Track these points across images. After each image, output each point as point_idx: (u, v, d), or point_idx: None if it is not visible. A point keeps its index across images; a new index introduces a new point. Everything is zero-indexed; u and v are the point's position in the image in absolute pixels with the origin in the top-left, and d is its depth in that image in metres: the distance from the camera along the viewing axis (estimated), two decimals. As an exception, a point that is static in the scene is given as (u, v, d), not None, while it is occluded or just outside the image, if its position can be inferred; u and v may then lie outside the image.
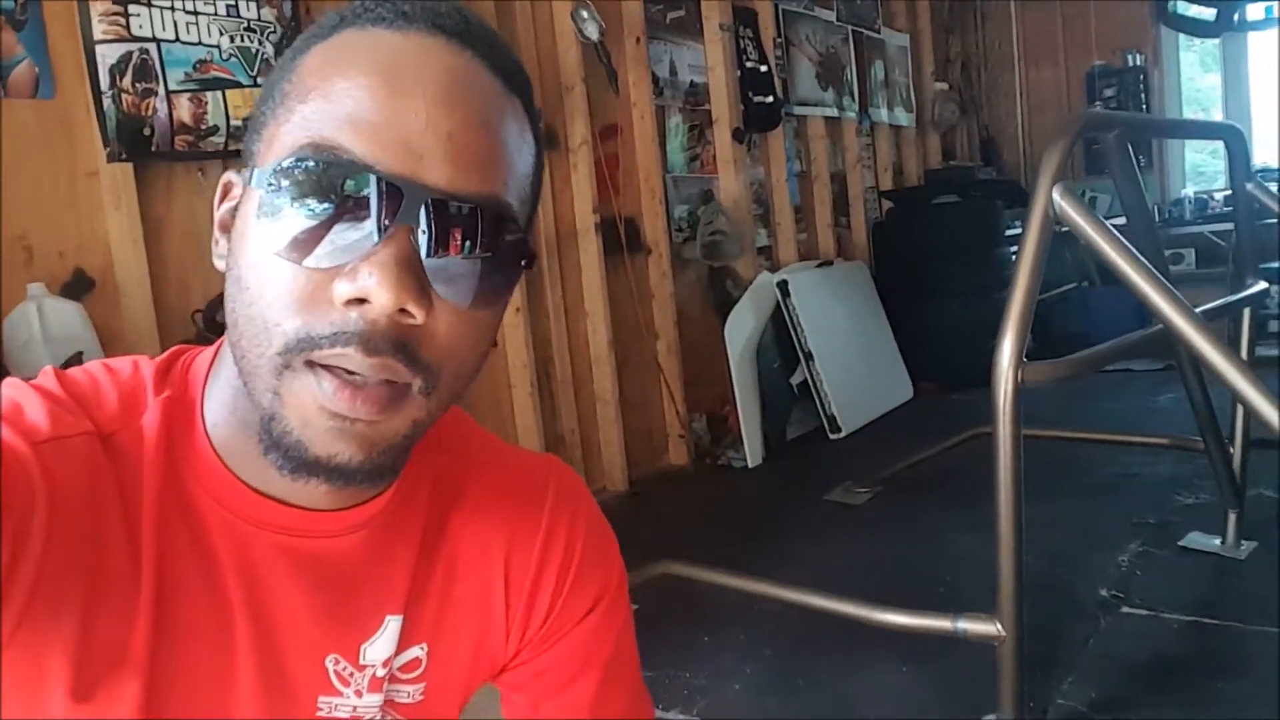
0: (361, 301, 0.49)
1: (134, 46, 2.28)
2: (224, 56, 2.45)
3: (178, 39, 2.36)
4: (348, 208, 0.49)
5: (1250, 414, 1.56)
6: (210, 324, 2.36)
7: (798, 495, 3.56)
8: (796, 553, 2.91)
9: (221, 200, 0.58)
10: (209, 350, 0.61)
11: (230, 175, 0.58)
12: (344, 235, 0.50)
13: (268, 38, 2.53)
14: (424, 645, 0.66)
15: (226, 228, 0.56)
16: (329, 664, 0.61)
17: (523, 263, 0.55)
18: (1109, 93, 6.22)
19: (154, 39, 2.31)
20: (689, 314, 4.18)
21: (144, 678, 0.53)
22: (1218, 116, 6.43)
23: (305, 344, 0.50)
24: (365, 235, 0.49)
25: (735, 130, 4.29)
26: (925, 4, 6.05)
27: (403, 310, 0.49)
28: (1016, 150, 6.67)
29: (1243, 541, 2.64)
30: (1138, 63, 6.12)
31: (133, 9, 2.27)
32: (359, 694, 0.62)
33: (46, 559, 0.50)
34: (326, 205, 0.49)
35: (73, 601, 0.51)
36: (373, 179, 0.49)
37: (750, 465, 3.98)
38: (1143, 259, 1.63)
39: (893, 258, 5.29)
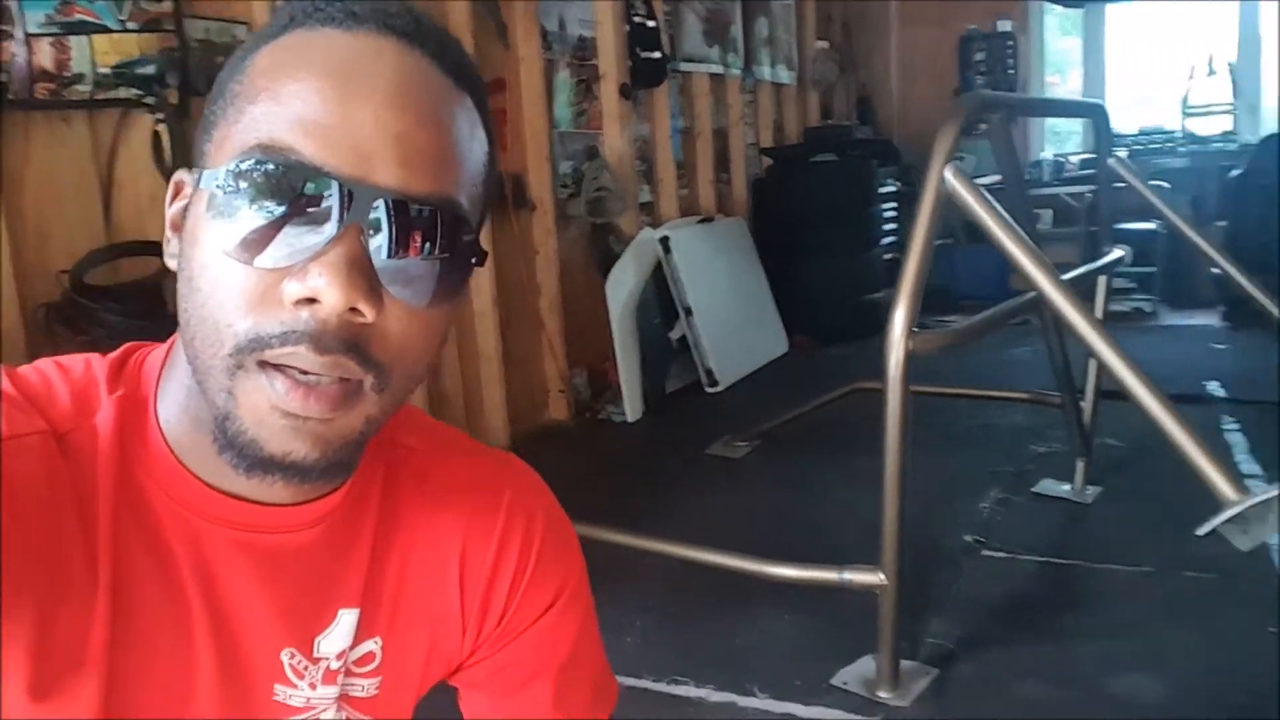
0: (312, 301, 0.50)
1: (-13, -15, 2.13)
2: (89, -2, 2.31)
3: (37, -23, 2.21)
4: (298, 209, 0.50)
5: (1103, 370, 1.69)
6: (78, 286, 2.24)
7: (678, 449, 3.65)
8: (679, 506, 3.00)
9: (172, 199, 0.57)
10: (161, 348, 0.61)
11: (181, 174, 0.57)
12: (294, 236, 0.50)
13: (138, -22, 2.40)
14: (379, 639, 0.66)
15: (178, 227, 0.56)
16: (284, 657, 0.62)
17: (474, 261, 0.56)
18: (979, 56, 6.46)
19: (10, -23, 2.16)
20: (571, 270, 4.19)
21: (103, 675, 0.54)
22: (1075, 79, 6.77)
23: (256, 344, 0.50)
24: (315, 236, 0.50)
25: (622, 86, 4.29)
26: (808, -38, 6.13)
27: (353, 309, 0.50)
28: (890, 109, 6.87)
29: (1089, 487, 2.87)
30: (1008, 28, 6.36)
31: (-15, -56, 2.12)
32: (313, 686, 0.63)
33: (5, 559, 0.49)
34: (277, 206, 0.50)
35: (31, 601, 0.51)
36: (323, 180, 0.50)
37: (630, 420, 4.05)
38: (1022, 233, 1.74)
39: (771, 214, 5.40)
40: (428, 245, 0.52)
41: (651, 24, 4.46)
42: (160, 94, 2.44)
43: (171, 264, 0.56)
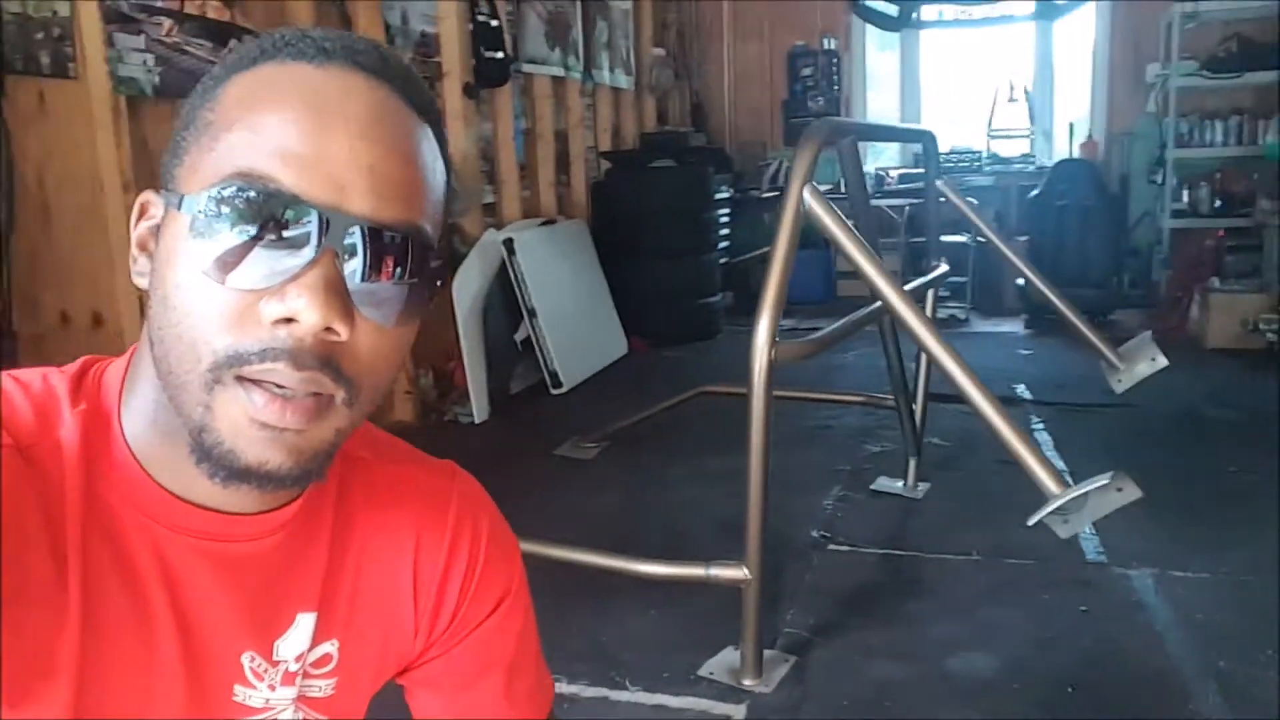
0: (289, 321, 0.53)
1: None
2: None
3: None
4: (277, 234, 0.52)
5: (943, 375, 1.82)
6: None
7: (527, 450, 3.66)
8: (533, 507, 3.00)
9: (139, 219, 0.59)
10: (119, 361, 0.63)
11: (148, 195, 0.59)
12: (273, 259, 0.53)
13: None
14: (335, 641, 0.68)
15: (145, 246, 0.58)
16: (245, 660, 0.64)
17: (439, 283, 0.59)
18: (807, 71, 6.76)
19: None
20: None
21: (72, 681, 0.55)
22: (892, 95, 7.18)
23: (235, 360, 0.53)
24: (293, 260, 0.53)
25: (466, 85, 4.25)
26: (646, -30, 6.24)
27: (328, 329, 0.53)
28: (722, 116, 7.09)
29: (919, 483, 3.07)
30: (832, 46, 6.69)
31: None
32: (271, 688, 0.65)
33: None
34: (256, 231, 0.52)
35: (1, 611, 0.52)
36: (301, 208, 0.52)
37: (477, 421, 4.03)
38: (870, 249, 1.85)
39: (610, 217, 5.47)
40: (398, 270, 0.56)
41: (495, 23, 4.44)
42: (-26, 70, 2.25)
43: (140, 282, 0.58)
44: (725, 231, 6.15)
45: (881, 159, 7.08)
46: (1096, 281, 5.44)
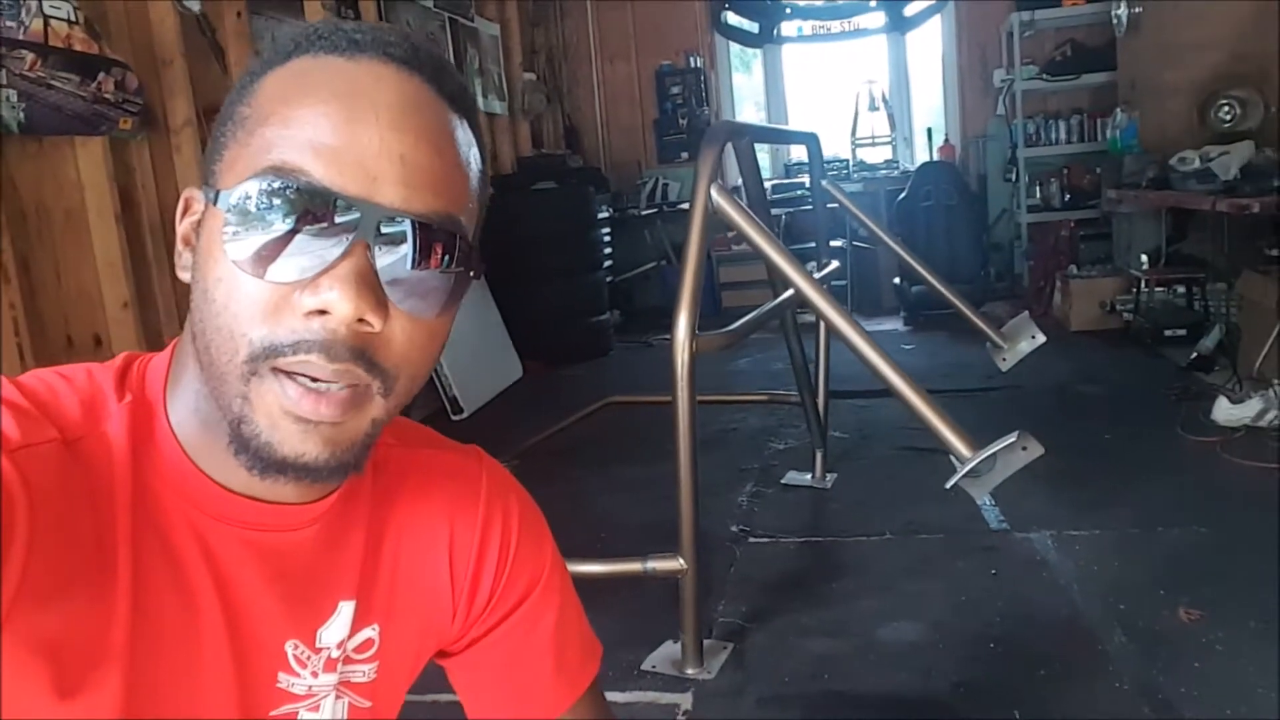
0: (323, 312, 0.53)
1: None
2: None
3: None
4: (310, 226, 0.53)
5: (855, 355, 1.91)
6: None
7: (436, 476, 3.61)
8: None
9: (183, 215, 0.60)
10: (162, 355, 0.63)
11: (191, 191, 0.60)
12: (306, 251, 0.53)
13: None
14: (376, 626, 0.69)
15: (189, 242, 0.59)
16: (289, 649, 0.64)
17: (471, 274, 0.60)
18: (675, 90, 6.92)
19: None
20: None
21: (124, 669, 0.55)
22: (753, 111, 7.42)
23: (270, 351, 0.53)
24: (326, 251, 0.53)
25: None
26: (513, -4, 6.29)
27: (361, 320, 0.54)
28: (596, 138, 7.18)
29: (827, 474, 3.18)
30: (698, 64, 6.87)
31: None
32: (314, 675, 0.66)
33: (30, 564, 0.50)
34: (290, 223, 0.53)
35: (54, 603, 0.52)
36: (332, 200, 0.53)
37: (380, 450, 3.95)
38: (780, 243, 1.93)
39: (495, 242, 5.45)
40: (432, 259, 0.56)
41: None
42: None
43: (184, 276, 0.59)
44: (608, 250, 6.22)
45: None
46: (966, 276, 5.73)
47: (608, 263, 6.15)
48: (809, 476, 3.18)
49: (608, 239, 6.23)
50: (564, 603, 0.79)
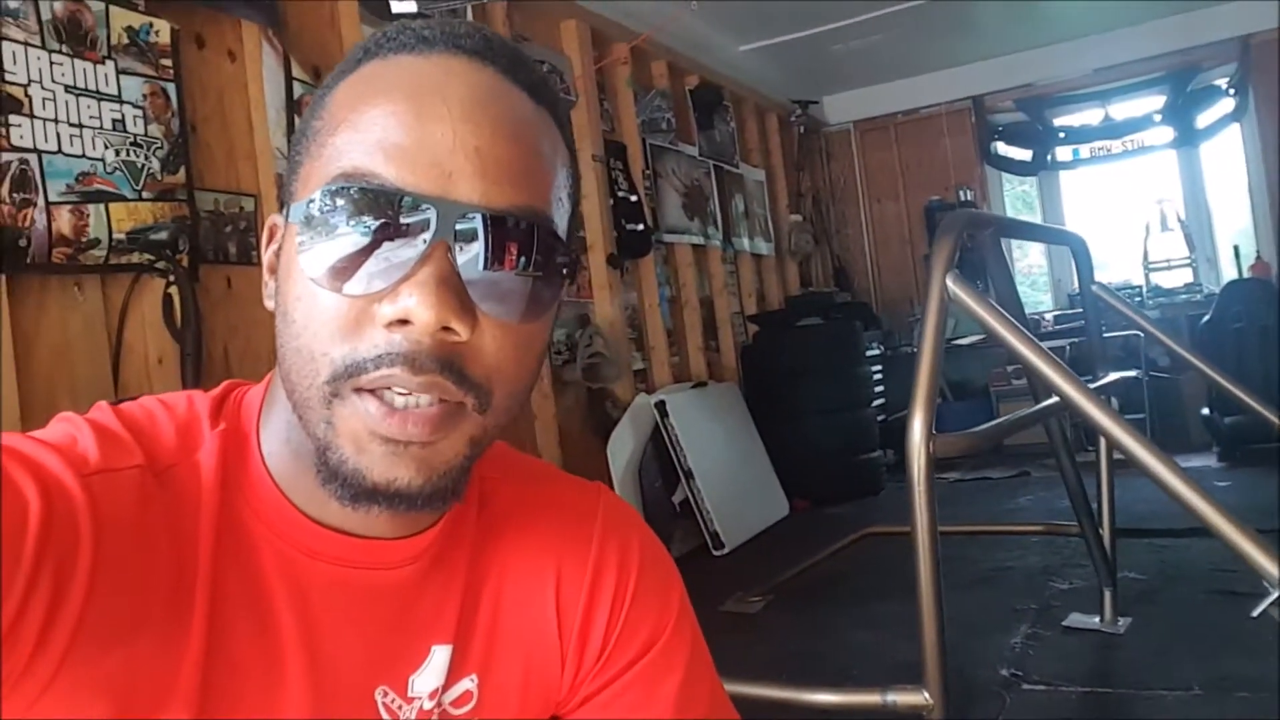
0: (405, 323, 0.50)
1: (13, 157, 2.21)
2: (108, 170, 2.40)
3: (60, 150, 2.30)
4: (384, 232, 0.50)
5: (1175, 498, 1.65)
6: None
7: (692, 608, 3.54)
8: (700, 660, 2.88)
9: (267, 244, 0.59)
10: (260, 384, 0.62)
11: (275, 218, 0.59)
12: (383, 259, 0.50)
13: (154, 153, 2.50)
14: (474, 676, 0.63)
15: (274, 269, 0.57)
16: (378, 696, 0.59)
17: (564, 272, 0.55)
18: (945, 223, 6.75)
19: (35, 149, 2.25)
20: (570, 435, 4.18)
21: (193, 710, 0.52)
22: (1035, 250, 7.07)
23: (352, 369, 0.50)
24: (403, 257, 0.50)
25: (610, 256, 4.43)
26: (777, 142, 6.48)
27: (446, 328, 0.50)
28: (866, 277, 7.11)
29: (1119, 618, 2.79)
30: (968, 197, 6.69)
31: (14, 119, 2.21)
32: None
33: (92, 597, 0.48)
34: (363, 231, 0.50)
35: (120, 642, 0.50)
36: (405, 200, 0.50)
37: (639, 584, 3.94)
38: (1032, 336, 1.77)
39: (761, 378, 5.46)
40: (520, 258, 0.52)
41: (634, 198, 4.67)
42: (172, 259, 2.50)
43: (269, 304, 0.57)
44: (879, 388, 6.04)
45: (1031, 304, 6.89)
46: (1292, 404, 5.00)
47: (878, 400, 5.96)
48: (1096, 620, 2.80)
49: (878, 376, 6.06)
50: (693, 662, 0.69)
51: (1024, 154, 6.74)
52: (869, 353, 5.85)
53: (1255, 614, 1.53)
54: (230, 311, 2.73)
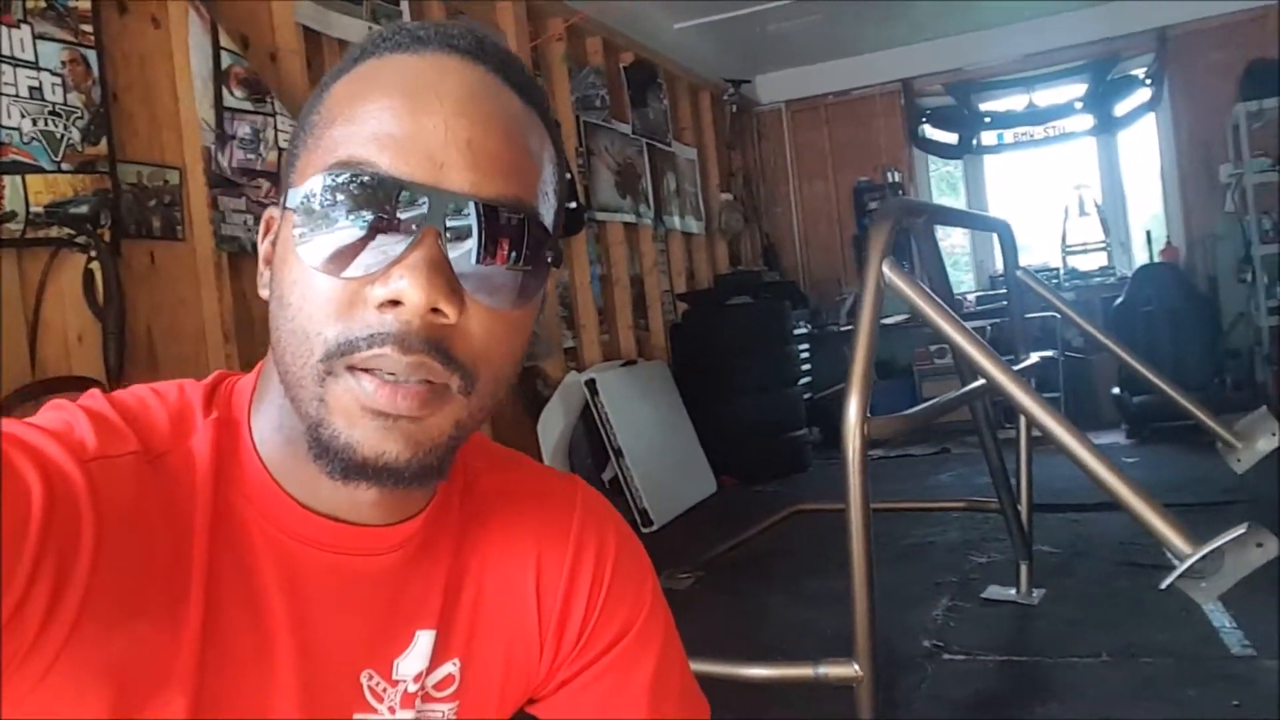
0: (395, 304, 0.52)
1: (-77, 125, 2.12)
2: (25, 140, 2.31)
3: (-27, 119, 2.21)
4: (377, 218, 0.52)
5: (1092, 477, 1.72)
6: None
7: (622, 585, 3.57)
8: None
9: (264, 236, 0.61)
10: (250, 374, 0.63)
11: (271, 210, 0.60)
12: (376, 243, 0.52)
13: (74, 123, 2.42)
14: (457, 661, 0.65)
15: (269, 260, 0.59)
16: (363, 679, 0.61)
17: (549, 261, 0.57)
18: (873, 205, 6.87)
19: (-54, 118, 2.16)
20: (500, 413, 4.17)
21: (189, 694, 0.53)
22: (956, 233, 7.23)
23: (345, 348, 0.52)
24: (396, 242, 0.52)
25: (543, 233, 4.40)
26: (709, 120, 6.51)
27: (435, 310, 0.52)
28: (794, 256, 7.20)
29: (1034, 590, 2.90)
30: (896, 179, 6.81)
31: (-77, 86, 2.12)
32: (391, 710, 0.62)
33: (94, 581, 0.50)
34: (357, 217, 0.52)
35: (120, 625, 0.51)
36: (399, 188, 0.52)
37: (569, 560, 3.96)
38: (963, 323, 1.82)
39: (691, 357, 5.51)
40: (508, 250, 0.54)
41: (567, 176, 4.64)
42: (93, 233, 2.43)
43: (264, 293, 0.59)
44: (806, 366, 6.13)
45: (954, 285, 7.06)
46: (1196, 384, 5.22)
47: (805, 379, 6.05)
48: (1013, 591, 2.91)
49: (806, 355, 6.16)
50: (665, 650, 0.72)
51: (951, 137, 6.88)
52: (797, 331, 5.93)
53: (1163, 586, 1.61)
54: (154, 289, 2.66)
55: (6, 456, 0.49)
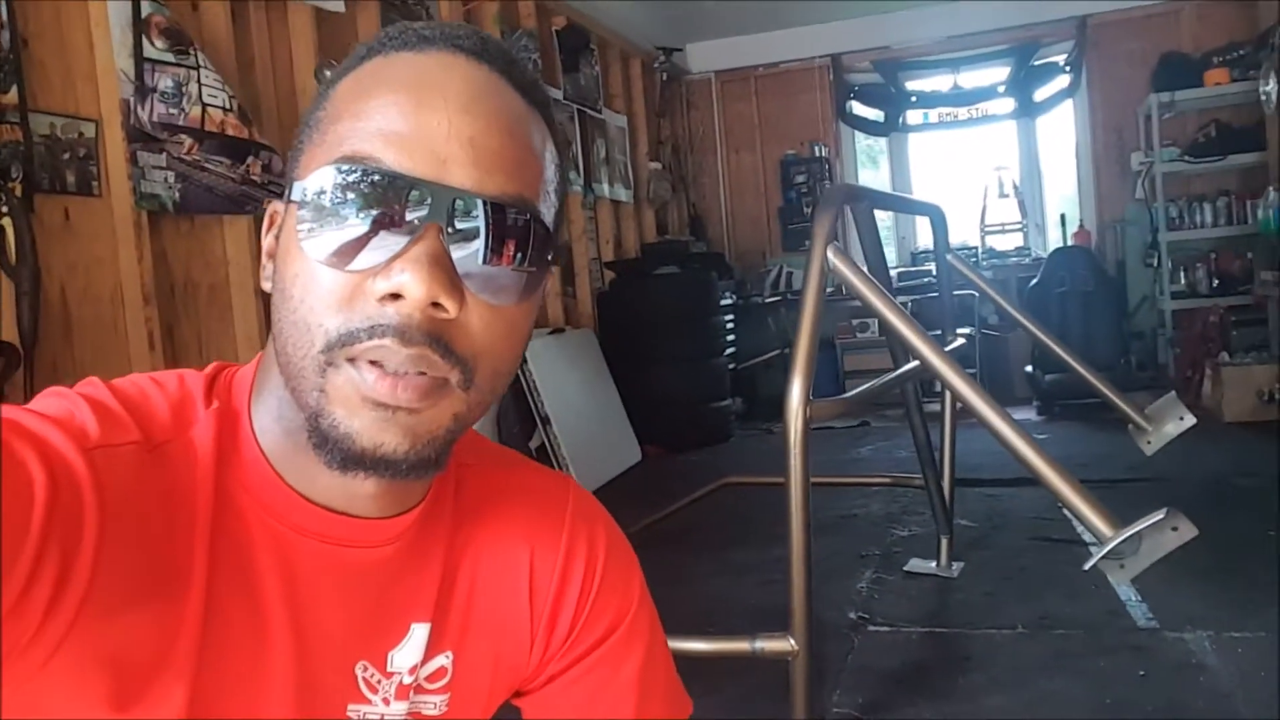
0: (397, 297, 0.52)
1: None
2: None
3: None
4: (380, 212, 0.53)
5: (1012, 452, 1.78)
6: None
7: (549, 555, 3.58)
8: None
9: (267, 230, 0.61)
10: (249, 365, 0.63)
11: (274, 204, 0.61)
12: (378, 237, 0.53)
13: (-18, 69, 2.28)
14: (449, 653, 0.66)
15: (272, 253, 0.59)
16: (358, 671, 0.62)
17: (549, 259, 0.58)
18: (800, 179, 6.94)
19: None
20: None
21: (187, 682, 0.53)
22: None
23: (346, 339, 0.53)
24: (398, 236, 0.53)
25: (473, 197, 4.34)
26: (640, 88, 6.47)
27: (436, 304, 0.52)
28: (721, 227, 7.23)
29: (954, 563, 3.00)
30: (823, 154, 6.88)
31: None
32: (386, 702, 0.63)
33: (97, 569, 0.50)
34: (361, 211, 0.53)
35: (121, 614, 0.51)
36: (402, 183, 0.52)
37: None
38: (901, 308, 1.86)
39: (617, 326, 5.51)
40: (514, 250, 0.55)
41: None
42: (4, 188, 2.30)
43: (266, 286, 0.59)
44: (731, 337, 6.19)
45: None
46: (1104, 364, 5.44)
47: (730, 350, 6.11)
48: (934, 564, 3.01)
49: (730, 326, 6.21)
50: (651, 648, 0.73)
51: (877, 114, 6.97)
52: (722, 303, 5.97)
53: (1087, 568, 1.68)
54: (69, 247, 2.54)
55: (8, 444, 0.49)
